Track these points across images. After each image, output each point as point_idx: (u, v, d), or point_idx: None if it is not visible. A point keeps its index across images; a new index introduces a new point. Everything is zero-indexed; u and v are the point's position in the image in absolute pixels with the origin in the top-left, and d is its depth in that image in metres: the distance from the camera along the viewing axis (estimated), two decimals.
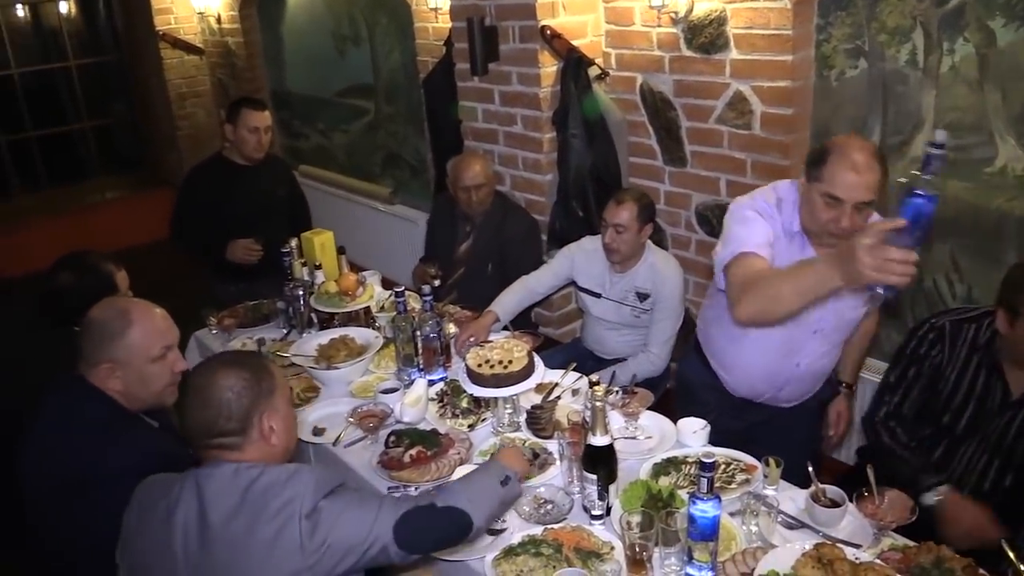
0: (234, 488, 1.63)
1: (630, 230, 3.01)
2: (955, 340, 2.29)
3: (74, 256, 2.68)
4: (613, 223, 3.02)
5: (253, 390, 1.70)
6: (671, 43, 3.44)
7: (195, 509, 1.64)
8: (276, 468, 1.67)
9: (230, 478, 1.64)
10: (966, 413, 2.29)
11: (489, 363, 2.39)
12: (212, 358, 1.82)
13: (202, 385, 1.69)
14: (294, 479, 1.63)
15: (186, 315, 3.26)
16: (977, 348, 2.26)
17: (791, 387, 2.54)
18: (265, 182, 3.93)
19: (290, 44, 6.35)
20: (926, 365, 2.33)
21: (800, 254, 2.18)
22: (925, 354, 2.33)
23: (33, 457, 2.07)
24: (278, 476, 1.64)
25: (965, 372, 2.28)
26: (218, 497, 1.63)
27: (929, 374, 2.33)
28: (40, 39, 7.18)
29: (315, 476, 1.66)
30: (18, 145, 7.03)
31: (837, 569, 1.70)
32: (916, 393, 2.36)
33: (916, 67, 2.87)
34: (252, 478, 1.63)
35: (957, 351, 2.28)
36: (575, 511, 2.10)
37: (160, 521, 1.67)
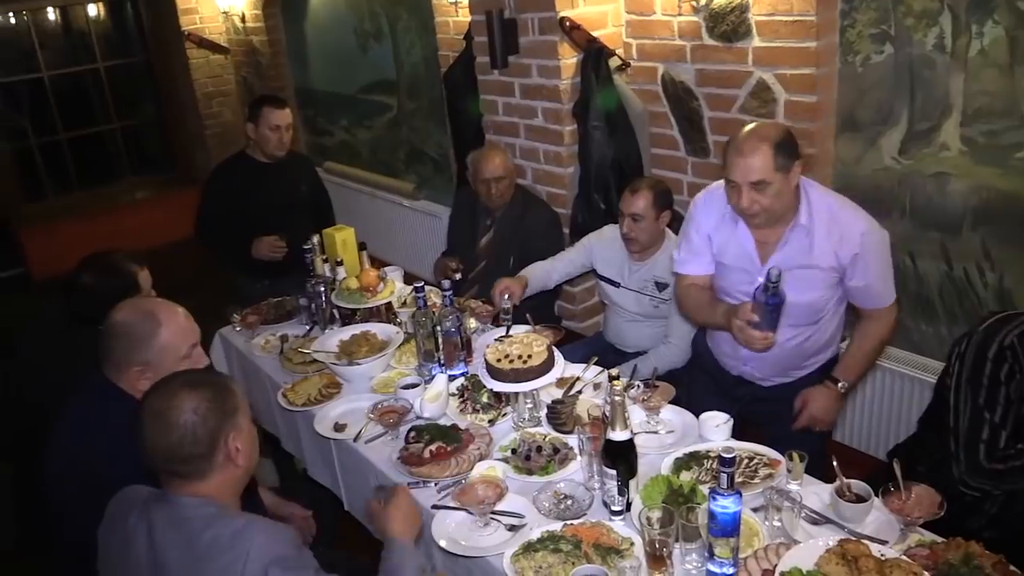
0: (184, 536, 1.60)
1: (647, 218, 3.01)
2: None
3: (96, 257, 2.71)
4: (629, 212, 3.02)
5: (218, 411, 1.66)
6: (693, 32, 3.39)
7: (146, 547, 1.63)
8: (223, 520, 1.60)
9: (180, 523, 1.61)
10: None
11: (508, 358, 2.37)
12: (169, 379, 1.73)
13: (163, 409, 1.63)
14: (240, 538, 1.57)
15: (211, 313, 3.30)
16: None
17: (760, 364, 2.57)
18: (288, 179, 3.95)
19: (313, 41, 6.38)
20: (1013, 386, 2.08)
21: (734, 234, 2.43)
22: (1008, 376, 2.09)
23: (57, 457, 2.10)
24: (223, 530, 1.58)
25: None
26: (168, 542, 1.60)
27: (1019, 395, 2.09)
28: (69, 42, 7.27)
29: (262, 540, 1.57)
30: (50, 147, 7.14)
31: (862, 565, 1.67)
32: (1012, 419, 2.10)
33: (944, 51, 2.80)
34: (199, 529, 1.59)
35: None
36: (595, 507, 2.09)
37: (120, 543, 1.69)
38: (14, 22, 6.95)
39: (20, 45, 6.94)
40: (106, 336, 2.09)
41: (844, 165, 3.17)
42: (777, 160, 2.20)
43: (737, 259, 2.46)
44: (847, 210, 2.36)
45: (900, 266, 3.10)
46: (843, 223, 2.32)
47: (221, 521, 1.60)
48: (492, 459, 2.30)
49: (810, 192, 2.35)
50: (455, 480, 2.23)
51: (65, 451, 2.08)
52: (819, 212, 2.32)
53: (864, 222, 2.34)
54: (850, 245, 2.31)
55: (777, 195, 2.25)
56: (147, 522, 1.64)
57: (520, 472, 2.24)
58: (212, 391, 1.68)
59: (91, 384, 2.12)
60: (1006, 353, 2.09)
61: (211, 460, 1.65)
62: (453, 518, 2.10)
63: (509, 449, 2.35)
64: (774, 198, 2.25)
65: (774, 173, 2.21)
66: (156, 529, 1.62)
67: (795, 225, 2.33)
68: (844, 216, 2.34)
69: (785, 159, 2.21)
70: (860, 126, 3.08)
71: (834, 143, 3.16)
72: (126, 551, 1.67)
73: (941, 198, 2.93)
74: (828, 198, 2.37)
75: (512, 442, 2.39)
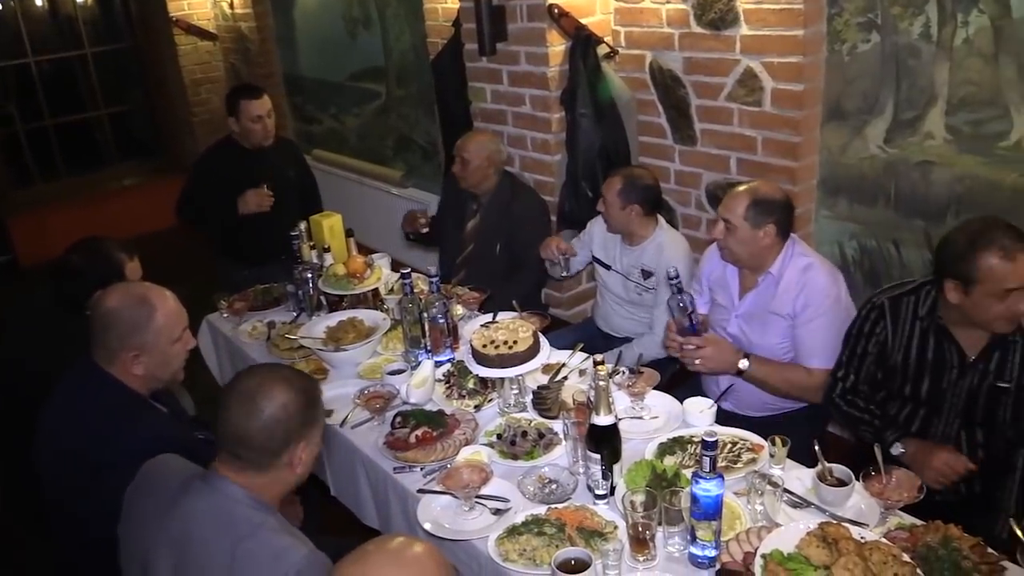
0: (224, 532, 1.58)
1: (613, 206, 3.07)
2: (896, 314, 2.34)
3: (88, 240, 2.72)
4: (602, 193, 3.12)
5: (304, 417, 1.67)
6: (681, 20, 3.39)
7: (181, 529, 1.61)
8: (267, 534, 1.58)
9: (224, 520, 1.59)
10: (924, 382, 2.32)
11: (494, 343, 2.38)
12: (272, 368, 1.75)
13: (256, 393, 1.63)
14: (278, 562, 1.53)
15: (198, 299, 3.29)
16: (920, 317, 2.31)
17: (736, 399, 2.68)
18: (275, 164, 3.94)
19: (302, 28, 6.34)
20: (872, 342, 2.39)
21: (723, 275, 2.76)
22: (870, 332, 2.39)
23: (47, 442, 2.11)
24: (264, 546, 1.55)
25: (912, 342, 2.33)
26: (208, 536, 1.58)
27: (876, 351, 2.40)
28: (56, 27, 7.19)
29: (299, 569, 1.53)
30: (36, 133, 7.07)
31: (842, 548, 1.69)
32: (868, 369, 2.43)
33: (930, 40, 2.81)
34: (243, 535, 1.56)
35: (901, 324, 2.34)
36: (580, 491, 2.10)
37: (154, 511, 1.67)
38: (0, 7, 6.88)
39: (6, 30, 6.85)
40: (98, 322, 2.08)
41: (830, 153, 3.18)
42: (749, 212, 2.50)
43: (722, 297, 2.76)
44: (819, 269, 2.56)
45: (885, 254, 3.13)
46: (810, 278, 2.54)
47: (264, 534, 1.58)
48: (477, 444, 2.32)
49: (794, 248, 2.59)
50: (440, 465, 2.24)
51: (55, 436, 2.08)
52: (793, 266, 2.56)
53: (830, 284, 2.54)
54: (807, 297, 2.53)
55: (741, 242, 2.54)
56: (190, 502, 1.64)
57: (505, 457, 2.26)
58: (307, 397, 1.69)
59: (80, 369, 2.12)
60: (872, 313, 2.38)
61: (276, 459, 1.66)
62: (438, 502, 2.12)
63: (494, 434, 2.37)
64: (737, 243, 2.54)
65: (743, 221, 2.51)
66: (197, 514, 1.61)
67: (767, 274, 2.59)
68: (813, 273, 2.54)
69: (757, 215, 2.50)
70: (846, 115, 3.09)
71: (820, 131, 3.17)
72: (156, 527, 1.66)
73: (925, 187, 2.94)
74: (808, 258, 2.58)
75: (498, 427, 2.40)
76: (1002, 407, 2.23)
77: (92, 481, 1.98)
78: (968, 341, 2.24)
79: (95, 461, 1.98)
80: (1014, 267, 2.04)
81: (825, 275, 2.55)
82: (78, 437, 2.03)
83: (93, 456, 1.99)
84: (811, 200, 3.28)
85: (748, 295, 2.66)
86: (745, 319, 2.67)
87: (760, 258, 2.59)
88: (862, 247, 3.20)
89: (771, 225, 2.51)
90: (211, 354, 3.44)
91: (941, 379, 2.29)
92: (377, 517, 2.45)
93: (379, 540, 1.27)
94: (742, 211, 2.51)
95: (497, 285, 3.31)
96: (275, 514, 1.68)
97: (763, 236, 2.52)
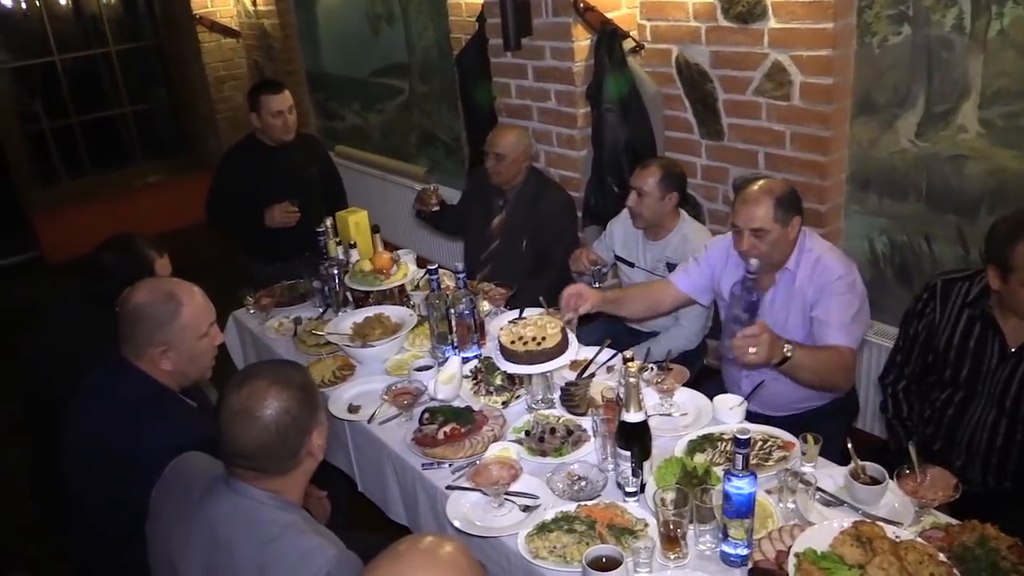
0: (252, 535, 1.56)
1: (652, 195, 3.05)
2: (947, 297, 2.38)
3: (120, 236, 2.74)
4: (635, 186, 3.07)
5: (307, 409, 1.63)
6: (707, 13, 3.36)
7: (208, 533, 1.60)
8: (295, 534, 1.56)
9: (250, 522, 1.57)
10: (964, 368, 2.34)
11: (522, 340, 2.37)
12: (255, 375, 1.63)
13: (252, 408, 1.57)
14: (306, 562, 1.52)
15: (225, 296, 3.31)
16: (969, 303, 2.33)
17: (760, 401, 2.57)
18: (298, 161, 3.95)
19: (325, 25, 6.35)
20: (922, 323, 2.44)
21: (737, 273, 2.57)
22: (920, 312, 2.45)
23: (75, 436, 2.13)
24: (291, 547, 1.54)
25: (958, 327, 2.35)
26: (236, 539, 1.57)
27: (925, 332, 2.44)
28: (81, 26, 7.25)
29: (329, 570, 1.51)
30: (62, 131, 7.14)
31: (876, 547, 1.67)
32: (917, 352, 2.48)
33: (963, 32, 2.76)
34: (272, 536, 1.55)
35: (949, 308, 2.37)
36: (609, 488, 2.09)
37: (181, 512, 1.67)
38: (25, 6, 6.95)
39: (32, 29, 6.93)
40: (126, 318, 2.10)
41: (860, 148, 3.14)
42: (777, 212, 2.43)
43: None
44: (831, 256, 2.52)
45: (916, 249, 3.09)
46: (824, 266, 2.49)
47: (291, 535, 1.56)
48: (506, 441, 2.31)
49: (805, 242, 2.55)
50: (469, 461, 2.24)
51: (83, 430, 2.10)
52: (807, 258, 2.53)
53: (843, 268, 2.49)
54: (822, 282, 2.48)
55: (774, 244, 2.47)
56: (215, 503, 1.62)
57: (534, 454, 2.25)
58: (302, 391, 1.63)
59: (108, 364, 2.14)
60: (924, 293, 2.44)
61: (296, 458, 1.64)
62: (467, 499, 2.12)
63: (523, 431, 2.36)
64: (771, 246, 2.47)
65: (773, 223, 2.44)
66: (221, 517, 1.60)
67: (785, 270, 2.55)
68: (827, 261, 2.50)
69: (784, 213, 2.44)
70: (876, 108, 3.05)
71: (850, 125, 3.14)
72: (184, 527, 1.65)
73: (958, 181, 2.90)
74: (817, 251, 2.53)
75: (526, 424, 2.39)
76: None
77: (118, 476, 1.99)
78: (1013, 331, 2.25)
79: (122, 455, 1.99)
80: None
81: (837, 261, 2.50)
82: (105, 431, 2.04)
83: (120, 450, 2.00)
84: (841, 195, 3.24)
85: (768, 294, 2.60)
86: (768, 316, 2.59)
87: (787, 253, 2.55)
88: (893, 242, 3.16)
89: (797, 218, 2.48)
90: (237, 350, 3.46)
91: (981, 366, 2.31)
92: (405, 513, 2.46)
93: (410, 539, 1.26)
94: (770, 214, 2.44)
95: (522, 281, 3.30)
96: (301, 513, 1.66)
97: (792, 230, 2.49)
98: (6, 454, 3.15)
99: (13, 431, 2.97)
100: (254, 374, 1.64)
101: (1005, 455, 2.30)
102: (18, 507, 3.12)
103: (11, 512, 3.48)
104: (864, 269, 3.24)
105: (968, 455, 2.38)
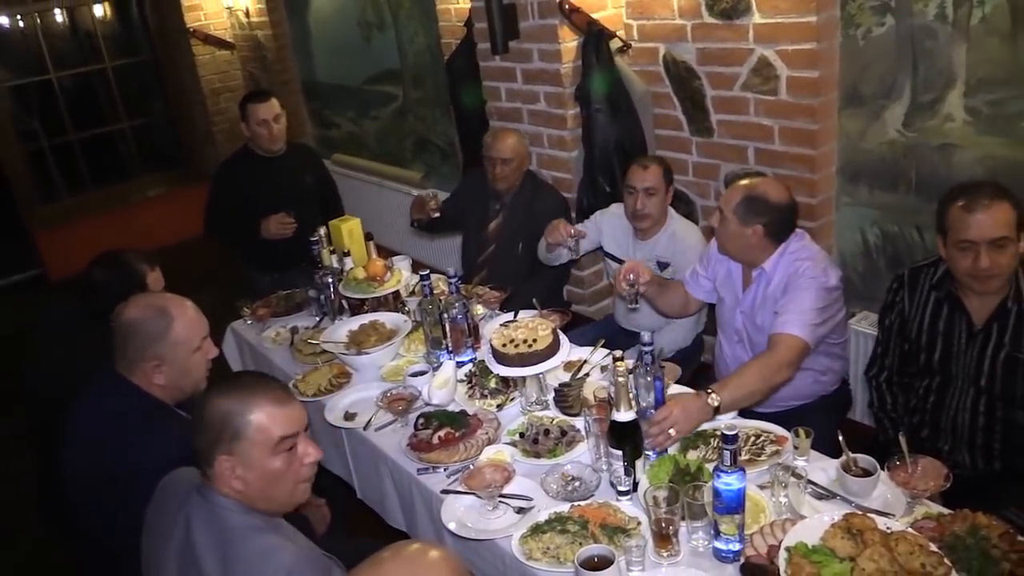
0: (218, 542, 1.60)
1: (659, 192, 3.07)
2: (915, 285, 2.43)
3: (109, 254, 2.76)
4: (644, 187, 3.08)
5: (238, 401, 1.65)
6: (693, 10, 3.37)
7: (183, 539, 1.63)
8: (253, 537, 1.59)
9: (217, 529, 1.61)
10: (936, 352, 2.37)
11: (514, 342, 2.39)
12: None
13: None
14: (267, 562, 1.55)
15: (223, 307, 3.34)
16: (934, 286, 2.36)
17: None
18: (292, 170, 3.97)
19: (317, 34, 6.38)
20: (895, 313, 2.49)
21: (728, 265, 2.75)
22: (892, 303, 2.50)
23: (72, 451, 2.14)
24: (253, 549, 1.57)
25: (926, 312, 2.38)
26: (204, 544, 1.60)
27: (899, 321, 2.48)
28: (76, 43, 7.30)
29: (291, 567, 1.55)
30: (61, 148, 7.19)
31: (867, 539, 1.67)
32: (893, 342, 2.52)
33: (945, 21, 2.76)
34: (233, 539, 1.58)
35: (918, 294, 2.40)
36: (603, 488, 2.10)
37: (164, 527, 1.70)
38: (23, 24, 6.99)
39: (28, 47, 6.98)
40: (118, 333, 2.12)
41: (848, 139, 3.14)
42: (740, 207, 2.50)
43: (728, 291, 2.77)
44: (812, 261, 2.50)
45: (908, 239, 3.09)
46: (799, 269, 2.49)
47: (251, 536, 1.59)
48: (500, 443, 2.32)
49: (792, 248, 2.55)
50: (463, 465, 2.25)
51: (80, 445, 2.12)
52: (784, 265, 2.54)
53: (818, 271, 2.47)
54: (789, 285, 2.49)
55: (729, 235, 2.56)
56: (186, 514, 1.65)
57: (528, 455, 2.26)
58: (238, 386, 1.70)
59: (103, 379, 2.16)
60: (894, 283, 2.49)
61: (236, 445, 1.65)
62: (462, 502, 2.13)
63: (517, 433, 2.37)
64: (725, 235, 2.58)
65: (733, 215, 2.51)
66: (195, 525, 1.63)
67: (760, 271, 2.59)
68: (805, 264, 2.49)
69: (747, 212, 2.49)
70: (863, 100, 3.06)
71: (838, 118, 3.14)
72: (166, 538, 1.68)
73: (947, 169, 2.90)
74: (801, 259, 2.52)
75: (520, 426, 2.40)
76: (1020, 379, 2.23)
77: (115, 490, 2.01)
78: (977, 309, 2.28)
79: (118, 470, 2.01)
80: (972, 219, 2.12)
81: (815, 265, 2.48)
82: (101, 447, 2.06)
83: (116, 465, 2.02)
84: (831, 187, 3.24)
85: (748, 290, 2.66)
86: (747, 315, 2.67)
87: (747, 254, 2.59)
88: (884, 233, 3.16)
89: (760, 225, 2.49)
90: (236, 361, 3.48)
91: (951, 347, 2.33)
92: (403, 518, 2.47)
93: (395, 546, 1.28)
94: (734, 204, 2.51)
95: (519, 284, 3.32)
96: (265, 518, 1.67)
97: (751, 234, 2.50)
98: (15, 467, 3.18)
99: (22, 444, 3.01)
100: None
101: (989, 434, 2.31)
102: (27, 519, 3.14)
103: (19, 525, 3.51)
104: (857, 260, 3.25)
105: (954, 439, 2.38)
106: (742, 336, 2.72)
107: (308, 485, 1.73)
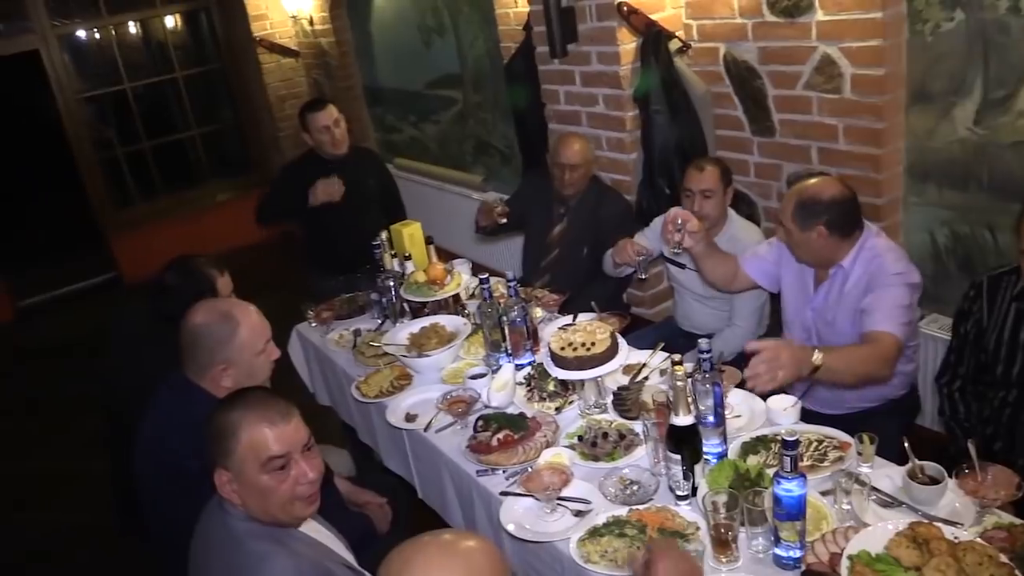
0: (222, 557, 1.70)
1: (718, 194, 3.05)
2: (994, 293, 2.34)
3: (182, 259, 2.85)
4: (700, 189, 3.05)
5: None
6: (753, 9, 3.32)
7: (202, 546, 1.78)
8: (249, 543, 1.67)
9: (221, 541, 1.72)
10: (1016, 366, 2.27)
11: (572, 346, 2.39)
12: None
13: None
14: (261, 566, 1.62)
15: (287, 310, 3.42)
16: (1016, 297, 2.27)
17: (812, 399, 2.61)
18: (354, 174, 4.03)
19: (379, 40, 6.48)
20: (971, 322, 2.41)
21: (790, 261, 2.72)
22: (968, 311, 2.42)
23: (144, 453, 2.23)
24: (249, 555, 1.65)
25: (1006, 323, 2.29)
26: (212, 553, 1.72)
27: (974, 332, 2.41)
28: (149, 54, 7.58)
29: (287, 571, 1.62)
30: (134, 155, 7.47)
31: (933, 548, 1.63)
32: (968, 352, 2.45)
33: (1019, 14, 2.68)
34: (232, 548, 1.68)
35: (997, 304, 2.31)
36: (661, 492, 2.09)
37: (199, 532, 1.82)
38: (99, 36, 7.28)
39: (105, 59, 7.28)
40: (186, 339, 2.20)
41: (916, 138, 3.07)
42: (796, 215, 2.47)
43: (798, 287, 2.72)
44: (891, 256, 2.46)
45: (979, 241, 3.00)
46: (880, 265, 2.44)
47: (247, 542, 1.68)
48: (559, 446, 2.33)
49: (869, 242, 2.50)
50: (522, 467, 2.27)
51: (151, 448, 2.20)
52: (862, 260, 2.49)
53: (902, 267, 2.44)
54: (876, 277, 2.43)
55: (796, 244, 2.54)
56: (208, 522, 1.76)
57: (586, 459, 2.26)
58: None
59: (173, 383, 2.24)
60: (971, 291, 2.41)
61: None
62: (521, 504, 2.14)
63: (576, 436, 2.38)
64: (794, 246, 2.56)
65: (792, 224, 2.49)
66: (210, 534, 1.75)
67: (838, 267, 2.53)
68: (886, 260, 2.45)
69: (805, 218, 2.45)
70: (932, 97, 2.98)
71: (905, 116, 3.06)
72: (196, 541, 1.81)
73: (1021, 168, 2.81)
74: (881, 246, 2.49)
75: (579, 429, 2.41)
76: None
77: (188, 492, 2.07)
78: None
79: (189, 471, 2.08)
80: None
81: (895, 261, 2.45)
82: (171, 449, 2.14)
83: (187, 466, 2.08)
84: (898, 187, 3.17)
85: (821, 287, 2.61)
86: (819, 312, 2.62)
87: (820, 257, 2.54)
88: (955, 234, 3.08)
89: (821, 226, 2.44)
90: (302, 363, 3.56)
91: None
92: (463, 519, 2.49)
93: (438, 531, 1.30)
94: (790, 214, 2.48)
95: (579, 288, 3.32)
96: (269, 527, 1.72)
97: (816, 237, 2.46)
98: (96, 466, 3.32)
99: (102, 444, 3.15)
100: None
101: None
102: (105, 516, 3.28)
103: (98, 523, 3.65)
104: (926, 262, 3.16)
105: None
106: (811, 334, 2.66)
107: (309, 503, 1.76)
